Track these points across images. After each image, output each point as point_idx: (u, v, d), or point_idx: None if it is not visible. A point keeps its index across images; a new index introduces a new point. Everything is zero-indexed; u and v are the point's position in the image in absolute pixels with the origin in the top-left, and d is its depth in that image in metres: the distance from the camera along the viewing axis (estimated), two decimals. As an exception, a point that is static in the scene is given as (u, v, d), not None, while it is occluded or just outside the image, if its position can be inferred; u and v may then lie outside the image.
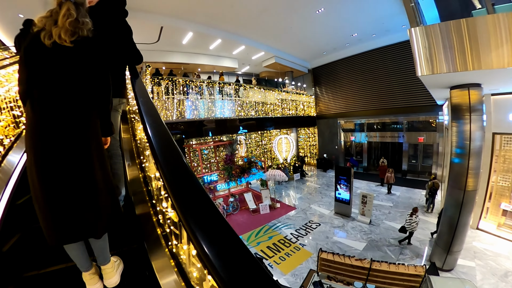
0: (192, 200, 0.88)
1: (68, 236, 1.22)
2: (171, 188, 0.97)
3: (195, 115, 9.45)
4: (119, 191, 1.99)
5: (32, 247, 1.80)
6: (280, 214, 8.89)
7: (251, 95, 11.63)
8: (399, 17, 10.09)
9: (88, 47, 1.25)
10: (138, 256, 1.71)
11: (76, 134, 1.22)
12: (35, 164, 1.16)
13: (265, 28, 10.55)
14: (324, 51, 14.48)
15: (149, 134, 1.37)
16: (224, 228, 0.73)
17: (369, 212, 8.06)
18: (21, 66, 1.23)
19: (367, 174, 14.21)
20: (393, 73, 12.90)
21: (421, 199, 10.17)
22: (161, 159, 1.15)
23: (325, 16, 9.67)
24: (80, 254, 1.32)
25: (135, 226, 1.90)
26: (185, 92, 9.71)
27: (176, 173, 1.08)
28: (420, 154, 13.00)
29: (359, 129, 15.13)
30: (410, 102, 12.43)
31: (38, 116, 1.16)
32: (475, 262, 6.15)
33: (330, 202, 9.89)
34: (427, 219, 8.44)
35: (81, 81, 1.24)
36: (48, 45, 1.16)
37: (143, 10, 8.36)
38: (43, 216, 1.18)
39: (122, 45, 1.97)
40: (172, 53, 12.36)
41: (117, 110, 2.05)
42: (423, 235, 7.44)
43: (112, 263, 1.47)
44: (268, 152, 15.41)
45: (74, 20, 1.19)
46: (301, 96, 15.70)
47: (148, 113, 1.62)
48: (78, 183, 1.21)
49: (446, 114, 9.57)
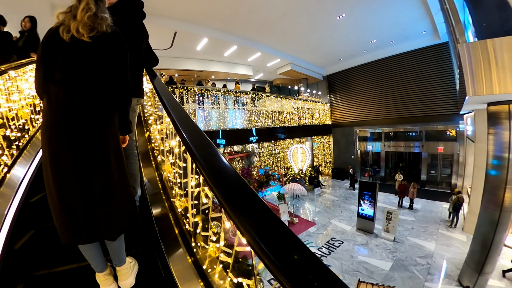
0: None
1: (81, 236, 1.21)
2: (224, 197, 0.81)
3: (211, 126, 9.39)
4: (135, 191, 1.99)
5: (44, 245, 1.82)
6: (299, 230, 8.86)
7: (268, 104, 11.65)
8: (421, 22, 10.19)
9: (107, 42, 1.25)
10: (154, 257, 1.72)
11: (93, 132, 1.21)
12: (50, 160, 1.16)
13: (283, 34, 10.59)
14: (340, 57, 14.55)
15: (182, 134, 1.26)
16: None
17: (393, 229, 8.04)
18: (38, 62, 1.23)
19: (385, 185, 14.11)
20: (411, 81, 12.93)
21: (443, 212, 10.11)
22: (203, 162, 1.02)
23: (346, 22, 9.73)
24: (95, 255, 1.32)
25: (151, 227, 1.89)
26: (196, 101, 9.57)
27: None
28: (439, 164, 12.96)
29: (376, 138, 15.10)
30: (428, 111, 12.44)
31: (54, 112, 1.16)
32: (505, 282, 6.09)
33: (351, 217, 9.91)
34: (451, 235, 8.39)
35: (100, 77, 1.25)
36: (67, 39, 1.17)
37: (156, 14, 8.31)
38: (57, 214, 1.18)
39: (140, 45, 2.02)
40: (185, 60, 12.34)
41: (134, 110, 2.09)
42: (450, 253, 7.39)
43: (128, 264, 1.46)
44: (281, 161, 15.45)
45: (93, 15, 1.19)
46: (317, 104, 15.69)
47: (176, 111, 1.54)
48: (93, 182, 1.20)
49: (469, 124, 9.56)
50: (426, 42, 11.95)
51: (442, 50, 11.74)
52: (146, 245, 1.84)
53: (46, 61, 1.21)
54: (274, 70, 15.24)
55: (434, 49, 11.97)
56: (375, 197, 8.33)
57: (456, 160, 12.03)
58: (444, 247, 7.72)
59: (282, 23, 9.56)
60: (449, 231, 8.64)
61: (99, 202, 1.21)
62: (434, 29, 10.73)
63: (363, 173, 15.34)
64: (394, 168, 14.42)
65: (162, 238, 1.70)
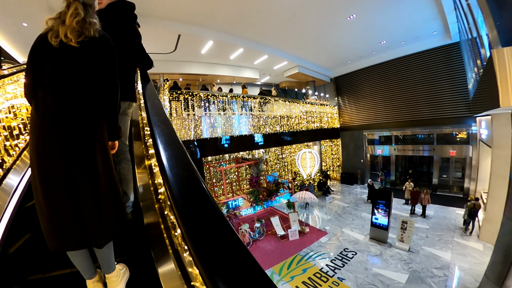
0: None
1: (69, 242, 1.22)
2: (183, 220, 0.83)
3: (217, 133, 9.17)
4: (128, 197, 2.01)
5: (38, 250, 1.84)
6: (311, 240, 8.76)
7: (276, 109, 11.51)
8: (432, 22, 10.09)
9: (95, 47, 1.28)
10: (145, 264, 1.69)
11: (80, 137, 1.23)
12: (37, 165, 1.18)
13: (291, 35, 10.46)
14: (349, 59, 14.46)
15: (158, 146, 1.27)
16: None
17: (408, 238, 7.93)
18: (27, 67, 1.25)
19: (395, 189, 13.93)
20: (421, 82, 12.79)
21: (457, 219, 9.98)
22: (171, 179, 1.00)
23: (356, 23, 9.61)
24: (83, 261, 1.33)
25: (143, 233, 1.89)
26: (202, 107, 9.34)
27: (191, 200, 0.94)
28: (451, 168, 12.84)
29: (386, 141, 14.97)
30: (439, 113, 12.30)
31: (41, 116, 1.19)
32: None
33: (363, 225, 9.81)
34: (467, 243, 8.26)
35: (88, 81, 1.27)
36: (55, 45, 1.20)
37: (159, 17, 8.13)
38: (44, 220, 1.19)
39: (131, 48, 2.06)
40: (189, 64, 12.22)
41: (127, 114, 2.09)
42: (467, 263, 7.26)
43: (117, 271, 1.47)
44: (288, 165, 15.35)
45: (81, 20, 1.23)
46: (325, 107, 15.59)
47: (160, 121, 1.58)
48: (80, 188, 1.22)
49: (484, 127, 9.41)
50: (437, 42, 11.81)
51: (453, 50, 11.59)
52: (138, 252, 1.83)
53: (34, 66, 1.24)
54: (280, 73, 15.13)
55: (445, 49, 11.81)
56: (390, 206, 8.21)
57: (468, 164, 11.87)
58: (460, 257, 7.59)
59: (291, 24, 9.40)
60: (464, 240, 8.51)
61: (86, 208, 1.22)
62: (446, 29, 10.60)
63: (373, 177, 15.21)
64: (404, 173, 14.31)
65: (153, 246, 1.69)
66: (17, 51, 8.65)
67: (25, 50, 8.38)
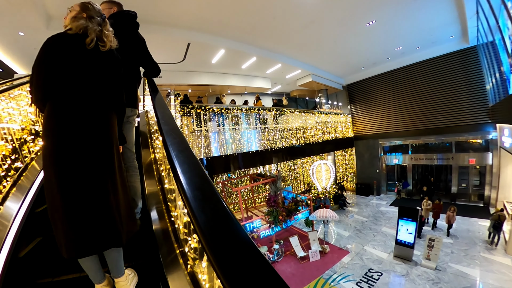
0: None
1: (87, 247, 1.24)
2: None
3: (233, 150, 8.98)
4: (135, 203, 2.08)
5: (49, 254, 1.90)
6: (333, 261, 8.70)
7: (291, 121, 11.43)
8: (451, 27, 10.17)
9: (114, 56, 1.48)
10: (154, 269, 1.77)
11: (100, 139, 1.31)
12: (54, 167, 1.20)
13: (306, 43, 10.39)
14: (363, 66, 14.46)
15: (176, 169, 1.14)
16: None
17: (435, 256, 7.92)
18: (41, 68, 1.30)
19: (411, 200, 14.02)
20: (438, 88, 12.84)
21: (480, 231, 9.96)
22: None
23: (374, 29, 9.61)
24: (93, 266, 1.37)
25: (152, 239, 1.97)
26: (213, 120, 9.03)
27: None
28: (470, 176, 12.84)
29: (402, 150, 14.96)
30: (457, 120, 12.31)
31: (61, 117, 1.24)
32: None
33: (385, 242, 9.79)
34: (494, 258, 8.23)
35: (107, 85, 1.42)
36: (90, 47, 1.36)
37: (169, 24, 7.91)
38: (62, 226, 1.20)
39: (135, 56, 2.21)
40: (198, 74, 12.06)
41: (130, 122, 2.21)
42: (497, 280, 7.22)
43: (126, 275, 1.52)
44: (300, 176, 15.32)
45: (113, 35, 1.48)
46: (339, 117, 15.52)
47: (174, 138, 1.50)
48: (101, 188, 1.27)
49: (508, 135, 9.39)
50: (453, 47, 11.87)
51: (470, 54, 11.64)
52: (147, 258, 1.89)
53: (54, 66, 1.30)
54: (293, 81, 15.03)
55: (461, 54, 11.86)
56: (417, 224, 8.22)
57: (488, 171, 11.88)
58: (489, 273, 7.57)
59: (308, 32, 9.32)
60: (491, 254, 8.49)
61: (105, 211, 1.27)
62: (464, 33, 10.64)
63: (389, 187, 15.20)
64: (421, 181, 14.28)
65: (161, 252, 1.76)
66: (14, 61, 8.37)
67: (22, 60, 8.25)
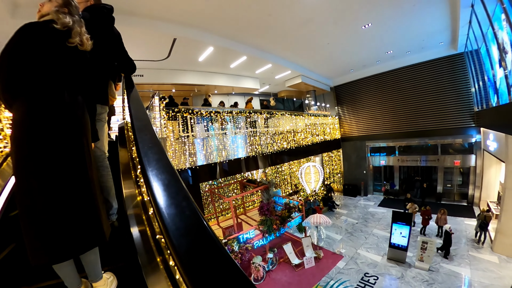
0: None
1: (62, 252, 1.20)
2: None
3: (223, 157, 8.25)
4: (110, 204, 2.06)
5: (23, 261, 1.80)
6: (328, 267, 8.63)
7: (282, 124, 11.22)
8: (442, 33, 10.53)
9: (85, 55, 1.47)
10: (133, 272, 1.68)
11: (72, 138, 1.28)
12: (22, 168, 1.16)
13: (300, 43, 10.20)
14: (352, 68, 14.62)
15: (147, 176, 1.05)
16: None
17: (428, 258, 8.09)
18: (15, 57, 1.23)
19: (398, 200, 14.39)
20: (425, 92, 13.32)
21: (467, 230, 10.36)
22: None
23: (369, 32, 9.66)
24: (69, 271, 1.32)
25: (130, 242, 1.88)
26: (200, 123, 8.47)
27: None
28: (455, 177, 13.43)
29: (389, 152, 15.35)
30: (443, 123, 12.83)
31: (37, 116, 1.20)
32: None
33: (378, 244, 9.92)
34: (482, 257, 8.55)
35: (80, 82, 1.43)
36: (73, 44, 1.36)
37: (153, 17, 7.10)
38: (33, 230, 1.15)
39: (109, 52, 2.15)
40: (184, 73, 11.45)
41: (101, 119, 2.17)
42: (487, 278, 7.43)
43: (105, 279, 1.49)
44: (288, 177, 15.29)
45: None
46: (327, 119, 15.61)
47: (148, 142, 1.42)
48: (74, 187, 1.24)
49: (492, 139, 9.87)
50: (441, 52, 12.36)
51: (457, 60, 12.19)
52: (126, 261, 1.83)
53: (27, 59, 1.25)
54: (281, 82, 14.85)
55: (449, 59, 12.40)
56: (410, 227, 8.38)
57: (472, 172, 12.49)
58: (479, 272, 7.83)
59: (302, 31, 9.08)
60: (479, 252, 8.81)
61: (82, 209, 1.24)
62: (454, 40, 11.05)
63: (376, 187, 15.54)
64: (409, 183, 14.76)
65: (140, 255, 1.67)
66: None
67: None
